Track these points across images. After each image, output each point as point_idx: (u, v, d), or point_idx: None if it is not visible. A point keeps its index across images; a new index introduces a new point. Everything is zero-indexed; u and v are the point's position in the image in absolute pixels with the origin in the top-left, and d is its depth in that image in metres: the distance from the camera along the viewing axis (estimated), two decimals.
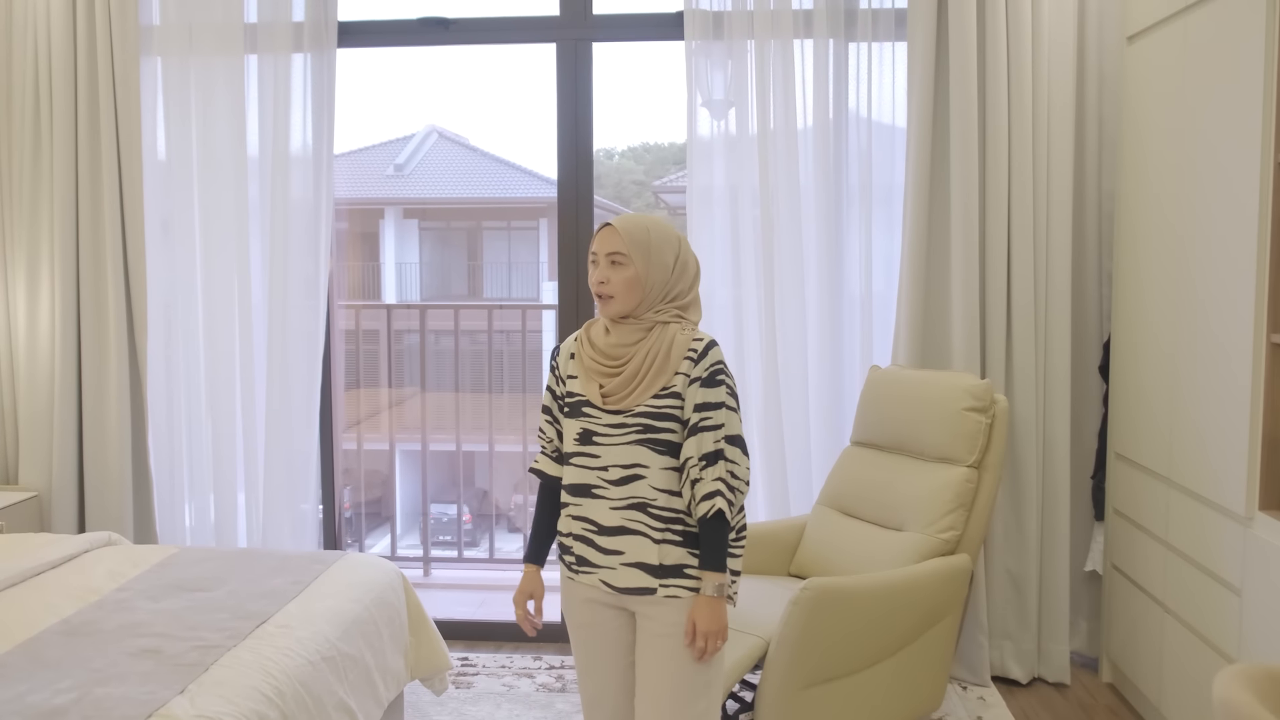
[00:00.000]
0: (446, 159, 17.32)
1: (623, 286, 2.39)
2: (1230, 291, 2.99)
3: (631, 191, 25.67)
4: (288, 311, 4.13)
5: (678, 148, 27.97)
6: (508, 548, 12.42)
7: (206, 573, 3.19)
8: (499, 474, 14.55)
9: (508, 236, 17.18)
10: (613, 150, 28.26)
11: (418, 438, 8.32)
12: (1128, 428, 3.72)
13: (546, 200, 17.03)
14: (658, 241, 2.43)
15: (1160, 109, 3.49)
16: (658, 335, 2.41)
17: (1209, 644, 3.11)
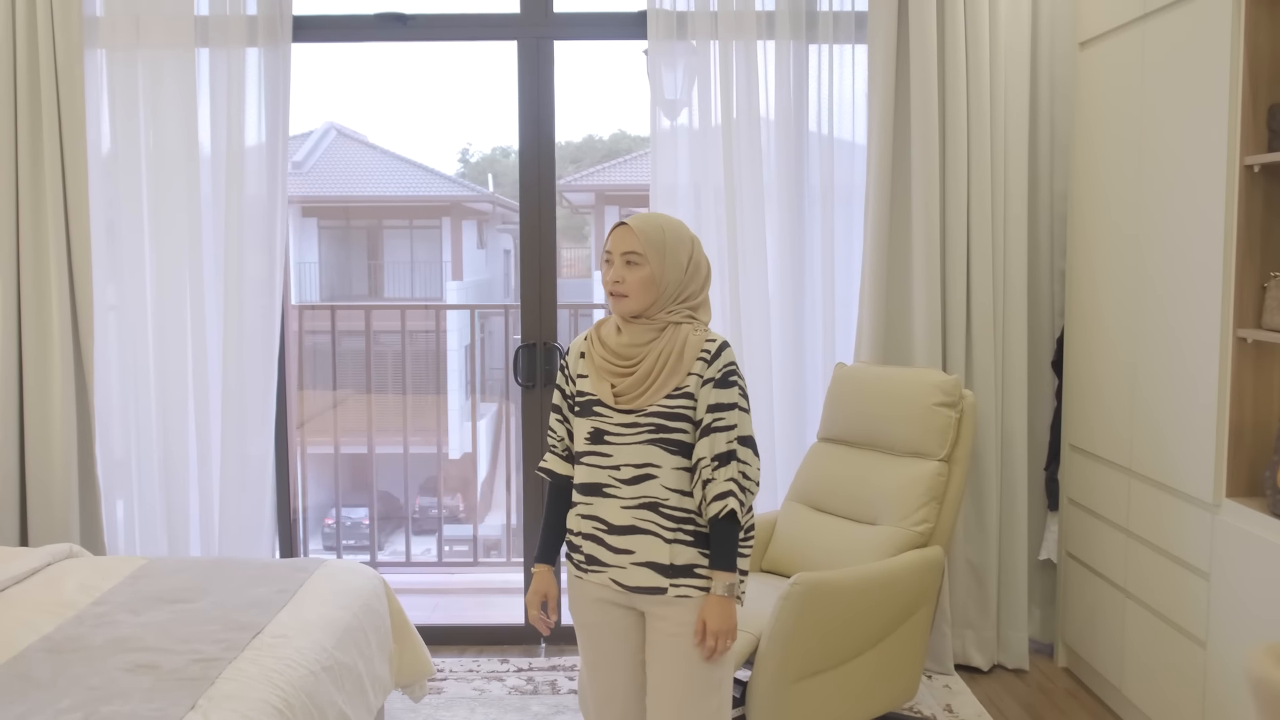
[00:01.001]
0: (346, 157, 17.01)
1: (637, 286, 2.40)
2: (1196, 289, 3.12)
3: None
4: (243, 312, 4.02)
5: (574, 146, 27.94)
6: (414, 550, 12.27)
7: (184, 584, 3.09)
8: (408, 476, 14.37)
9: (410, 235, 16.95)
10: (509, 149, 28.08)
11: (329, 440, 8.16)
12: (1083, 420, 3.86)
13: (449, 199, 16.86)
14: (673, 242, 2.44)
15: (1114, 113, 3.62)
16: (670, 335, 2.42)
17: (1175, 626, 3.24)
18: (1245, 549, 2.89)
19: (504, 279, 19.22)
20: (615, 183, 17.16)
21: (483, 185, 19.76)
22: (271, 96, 4.02)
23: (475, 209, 17.42)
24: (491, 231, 18.36)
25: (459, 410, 15.99)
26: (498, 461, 16.86)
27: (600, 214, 17.57)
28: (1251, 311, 2.97)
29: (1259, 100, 2.93)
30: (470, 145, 31.93)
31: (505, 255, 19.35)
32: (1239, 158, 2.94)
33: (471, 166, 26.59)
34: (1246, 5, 2.89)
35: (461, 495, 16.72)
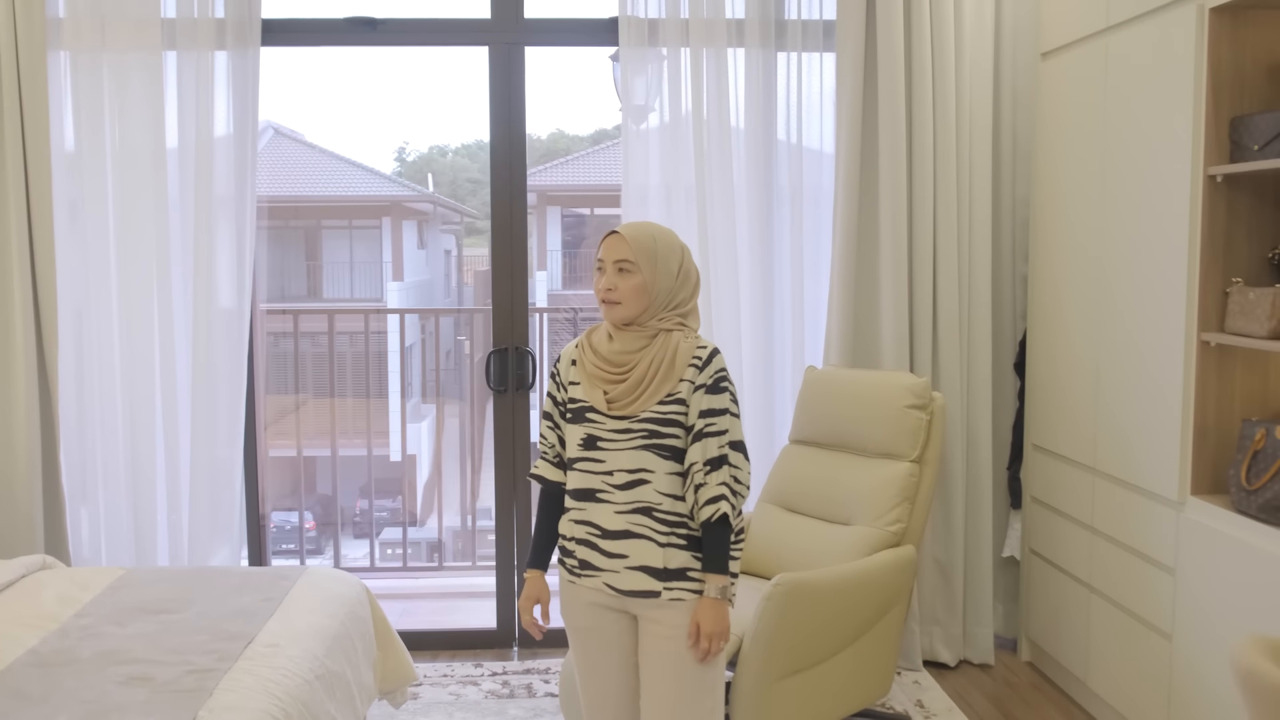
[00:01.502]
0: (284, 156, 16.80)
1: (630, 293, 2.43)
2: (1160, 294, 3.23)
3: (467, 189, 25.44)
4: (212, 315, 3.98)
5: None
6: (353, 554, 12.18)
7: (167, 594, 3.06)
8: (346, 479, 14.22)
9: (349, 236, 16.80)
10: (446, 147, 27.93)
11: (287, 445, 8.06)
12: (1045, 421, 3.96)
13: (389, 199, 16.72)
14: (664, 250, 2.48)
15: (1076, 122, 3.73)
16: (662, 342, 2.46)
17: (1140, 620, 3.35)
18: (1210, 544, 3.00)
19: (445, 280, 19.12)
20: (557, 183, 17.14)
21: (421, 185, 19.64)
22: (240, 100, 3.99)
23: (416, 209, 17.30)
24: (432, 232, 18.24)
25: (401, 413, 15.88)
26: (441, 464, 16.78)
27: (542, 214, 17.54)
28: (1215, 316, 3.08)
29: (1221, 112, 3.04)
30: (407, 145, 31.70)
31: (446, 255, 19.24)
32: (1203, 168, 3.05)
33: (408, 166, 26.39)
34: (1210, 20, 3.01)
35: (403, 498, 16.61)
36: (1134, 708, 3.39)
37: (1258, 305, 2.90)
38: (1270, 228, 3.08)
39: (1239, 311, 2.98)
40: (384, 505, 16.45)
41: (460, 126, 28.59)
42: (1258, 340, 2.88)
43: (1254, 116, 2.96)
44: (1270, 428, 2.91)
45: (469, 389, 16.15)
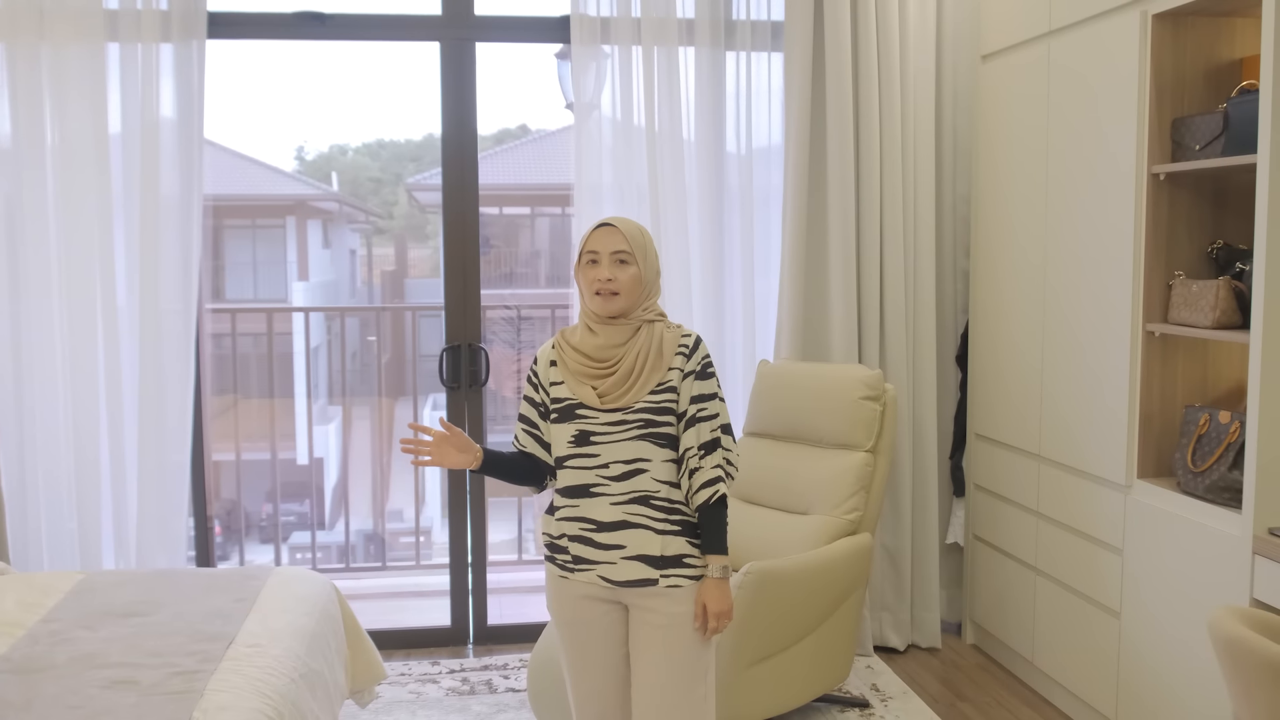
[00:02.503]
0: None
1: (629, 284, 2.47)
2: (1106, 288, 3.37)
3: (368, 188, 25.07)
4: (159, 315, 3.90)
5: (415, 144, 27.54)
6: (261, 559, 11.95)
7: (133, 596, 3.00)
8: (249, 483, 13.93)
9: (252, 235, 16.43)
10: (346, 146, 27.48)
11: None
12: (988, 411, 4.10)
13: (293, 198, 16.41)
14: (649, 242, 2.54)
15: (1018, 122, 3.87)
16: (646, 334, 2.50)
17: (1089, 600, 3.50)
18: (1157, 525, 3.15)
19: (350, 279, 18.84)
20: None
21: (321, 183, 19.30)
22: (185, 95, 3.91)
23: (320, 208, 17.01)
24: (338, 231, 17.96)
25: (310, 414, 15.60)
26: (349, 466, 16.53)
27: None
28: (1159, 307, 3.24)
29: (1164, 114, 3.20)
30: (306, 143, 31.10)
31: (351, 255, 18.96)
32: (1146, 167, 3.20)
33: (308, 164, 25.89)
34: (1153, 26, 3.16)
35: (311, 501, 16.32)
36: (1083, 684, 3.54)
37: (1201, 297, 3.06)
38: (1209, 223, 3.25)
39: (1183, 303, 3.14)
40: (291, 509, 16.14)
41: (361, 124, 28.14)
42: (1202, 330, 3.03)
43: (1195, 118, 3.11)
44: (1213, 413, 3.07)
45: (378, 389, 15.95)
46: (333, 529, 15.43)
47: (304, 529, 15.26)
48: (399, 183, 24.81)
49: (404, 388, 17.23)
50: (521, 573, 5.31)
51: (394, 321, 16.06)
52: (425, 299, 19.22)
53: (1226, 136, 2.99)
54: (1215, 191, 3.24)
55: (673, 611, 2.48)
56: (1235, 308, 3.01)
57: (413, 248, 22.70)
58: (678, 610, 2.48)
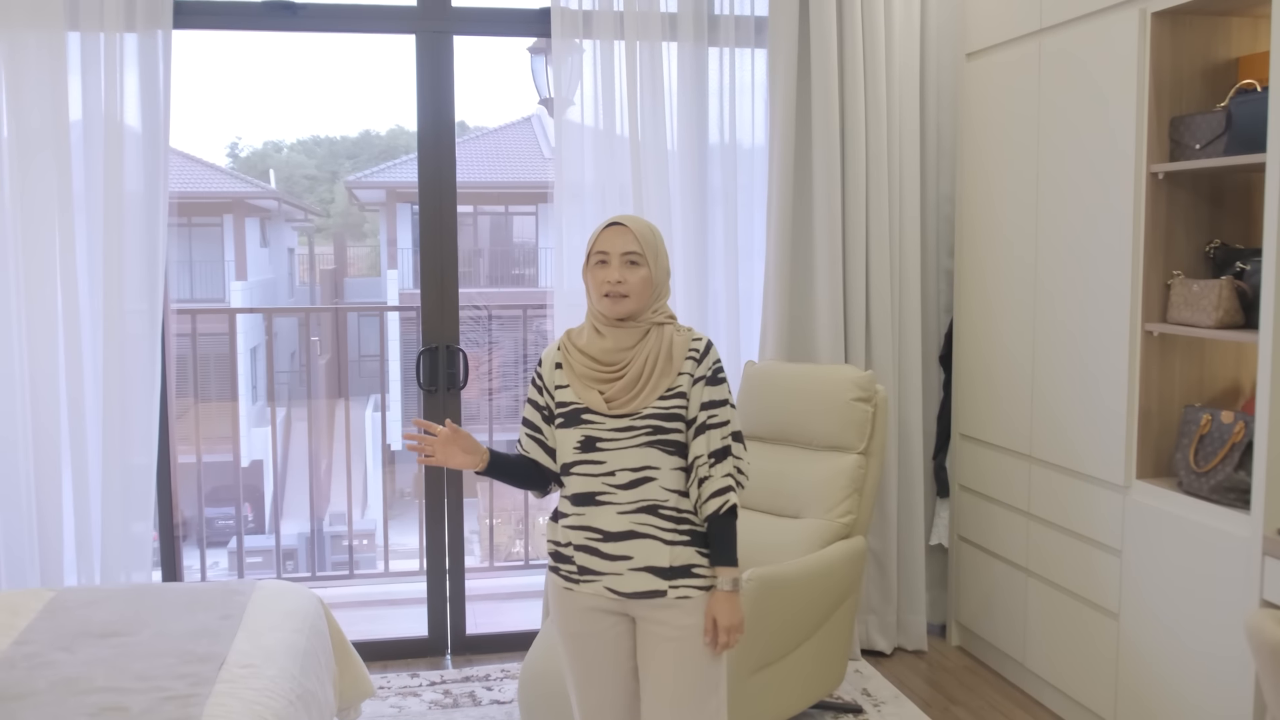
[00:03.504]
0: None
1: (639, 286, 2.39)
2: (1103, 287, 3.35)
3: (304, 186, 24.70)
4: (124, 316, 3.73)
5: (351, 141, 27.18)
6: (196, 565, 11.66)
7: (111, 615, 2.85)
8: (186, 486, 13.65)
9: (188, 234, 16.04)
10: (281, 143, 27.02)
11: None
12: (974, 411, 4.08)
13: (230, 196, 16.06)
14: (660, 242, 2.46)
15: (1007, 120, 3.84)
16: (655, 337, 2.42)
17: (1085, 601, 3.48)
18: (1158, 525, 3.14)
19: (289, 278, 18.50)
20: (409, 179, 16.79)
21: (256, 180, 18.93)
22: (149, 86, 3.74)
23: (258, 206, 16.67)
24: (275, 229, 17.61)
25: (249, 416, 15.29)
26: (288, 469, 16.22)
27: (391, 211, 17.16)
28: (1157, 307, 3.22)
29: (1162, 113, 3.18)
30: (240, 139, 30.56)
31: (290, 254, 18.62)
32: (1145, 166, 3.18)
33: (241, 162, 25.43)
34: (1152, 24, 3.14)
35: (250, 505, 16.00)
36: (1078, 685, 3.52)
37: (1203, 297, 3.04)
38: (1206, 223, 3.24)
39: (1183, 303, 3.12)
40: (229, 512, 15.80)
41: (297, 120, 27.71)
42: (1204, 330, 3.02)
43: (1194, 117, 3.10)
44: (1215, 413, 3.06)
45: (321, 391, 15.68)
46: (273, 533, 15.14)
47: (245, 533, 14.95)
48: (335, 180, 24.45)
49: (345, 388, 16.97)
50: (493, 580, 5.19)
51: (334, 322, 15.80)
52: (364, 297, 18.95)
53: (1229, 136, 2.98)
54: (1212, 191, 3.23)
55: (683, 623, 2.40)
56: (1238, 307, 3.00)
57: (350, 246, 22.38)
58: (688, 622, 2.40)
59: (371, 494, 15.89)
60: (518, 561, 6.76)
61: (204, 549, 4.98)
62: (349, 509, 5.60)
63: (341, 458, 15.82)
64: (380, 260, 18.48)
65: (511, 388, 11.98)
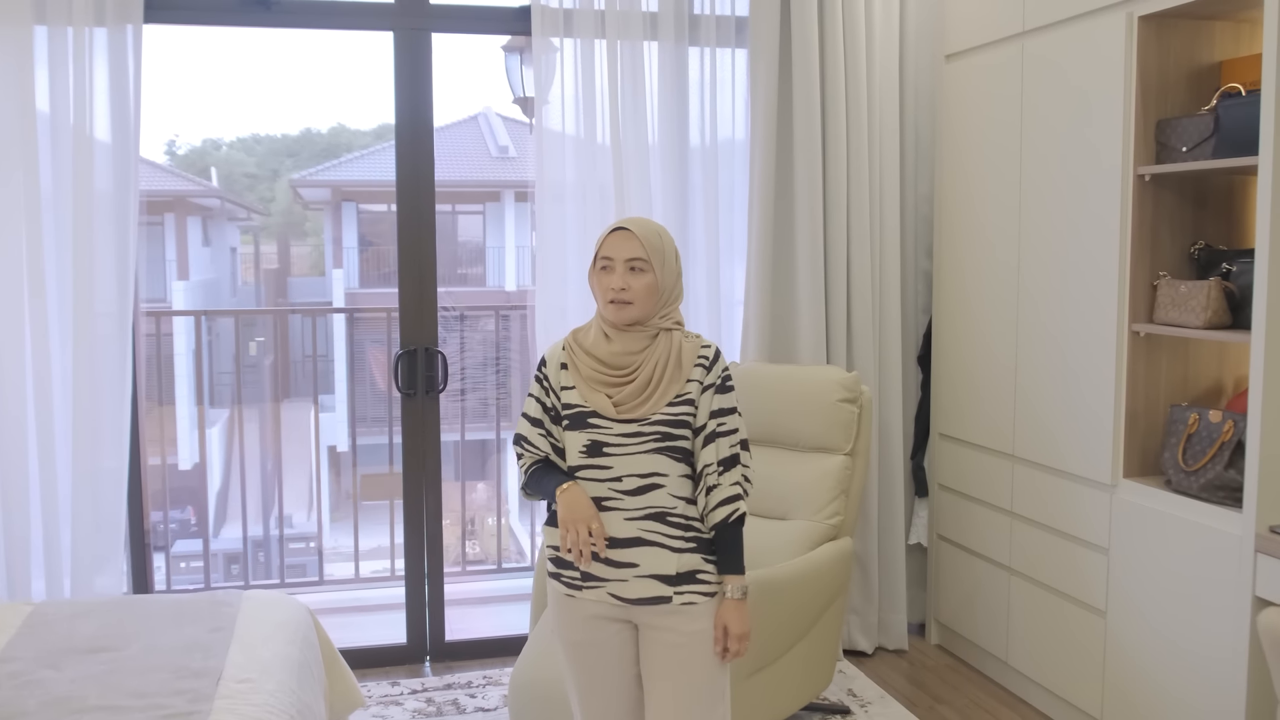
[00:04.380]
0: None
1: (643, 293, 2.36)
2: (1089, 288, 3.38)
3: (244, 184, 24.30)
4: (94, 318, 3.63)
5: (292, 139, 26.78)
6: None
7: (96, 629, 2.75)
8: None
9: None
10: (220, 140, 26.56)
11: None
12: (955, 411, 4.10)
13: (171, 194, 15.73)
14: (668, 246, 2.43)
15: (988, 122, 3.87)
16: (664, 342, 2.39)
17: (1071, 599, 3.51)
18: (1146, 523, 3.17)
19: (231, 278, 18.18)
20: (354, 178, 16.60)
21: (198, 179, 18.58)
22: (120, 82, 3.63)
23: (200, 205, 16.36)
24: (217, 228, 17.30)
25: (188, 419, 15.00)
26: (231, 472, 15.93)
27: (336, 210, 16.94)
28: (1144, 307, 3.26)
29: (1148, 115, 3.22)
30: (177, 137, 29.97)
31: (232, 253, 18.30)
32: (1133, 168, 3.22)
33: (180, 159, 24.95)
34: (1139, 28, 3.17)
35: (193, 509, 15.70)
36: (1064, 682, 3.55)
37: (1191, 298, 3.08)
38: (1190, 224, 3.28)
39: (1170, 303, 3.16)
40: (174, 516, 15.49)
41: (235, 118, 27.23)
42: (1193, 330, 3.05)
43: (1181, 120, 3.14)
44: (1203, 412, 3.10)
45: (268, 393, 15.42)
46: (218, 537, 14.88)
47: (187, 537, 14.67)
48: (276, 178, 24.09)
49: (290, 390, 16.73)
50: (465, 584, 5.12)
51: (278, 322, 15.57)
52: (309, 297, 18.69)
53: (1218, 138, 3.02)
54: (1196, 193, 3.27)
55: (690, 630, 2.37)
56: (1226, 308, 3.04)
57: (292, 245, 22.05)
58: (694, 628, 2.37)
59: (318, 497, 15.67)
60: (490, 566, 6.69)
61: (168, 556, 4.85)
62: (319, 517, 5.48)
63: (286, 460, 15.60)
64: (324, 259, 18.23)
65: (477, 389, 11.87)
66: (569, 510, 2.32)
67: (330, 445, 15.49)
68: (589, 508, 2.32)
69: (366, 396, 15.95)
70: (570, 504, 2.32)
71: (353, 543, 5.17)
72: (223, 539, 14.67)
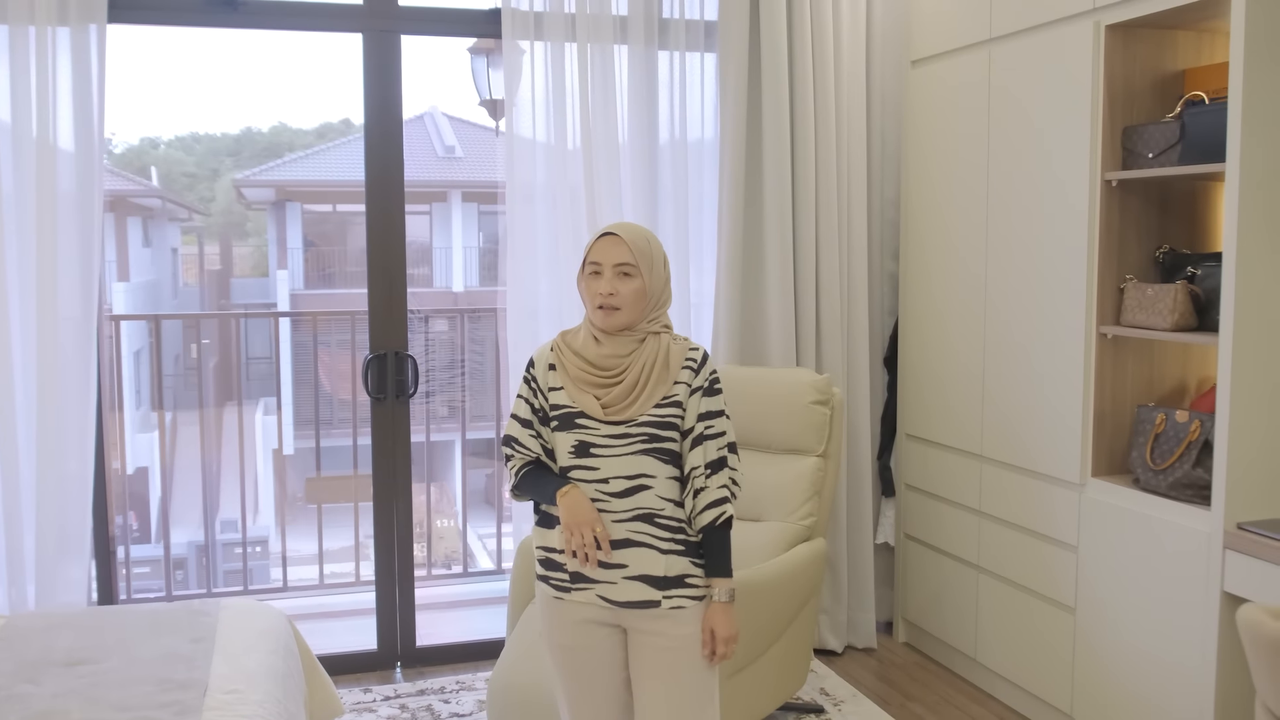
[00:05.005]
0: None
1: (631, 298, 2.37)
2: (1056, 291, 3.44)
3: (183, 184, 23.89)
4: (57, 323, 3.56)
5: (232, 138, 26.37)
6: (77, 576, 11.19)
7: (72, 642, 2.70)
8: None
9: None
10: (158, 139, 26.08)
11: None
12: (921, 411, 4.15)
13: (110, 193, 15.43)
14: (656, 251, 2.44)
15: (953, 127, 3.92)
16: (652, 345, 2.41)
17: (1040, 596, 3.57)
18: (1115, 521, 3.24)
19: (173, 279, 17.88)
20: (299, 178, 16.39)
21: (138, 178, 18.24)
22: (83, 82, 3.57)
23: (140, 204, 16.07)
24: (158, 228, 17.00)
25: (131, 422, 14.73)
26: (172, 477, 15.65)
27: (280, 211, 16.72)
28: (1111, 310, 3.33)
29: (1115, 122, 3.29)
30: (114, 135, 29.36)
31: (173, 254, 17.99)
32: (1100, 174, 3.28)
33: (117, 158, 24.45)
34: (1106, 36, 3.24)
35: (135, 514, 15.42)
36: (1034, 679, 3.61)
37: (1159, 300, 3.15)
38: (1155, 228, 3.36)
39: (1137, 306, 3.23)
40: (118, 522, 15.18)
41: (173, 116, 26.76)
42: (1159, 332, 3.12)
43: (1147, 126, 3.21)
44: (1169, 413, 3.17)
45: (209, 397, 15.18)
46: (158, 543, 14.64)
47: (130, 543, 14.41)
48: (216, 178, 23.71)
49: (232, 393, 16.49)
50: (430, 589, 5.08)
51: (220, 325, 15.34)
52: (253, 299, 18.44)
53: (1184, 145, 3.09)
54: (1161, 198, 3.35)
55: (679, 634, 2.39)
56: (1192, 310, 3.11)
57: (234, 246, 21.73)
58: (684, 632, 2.39)
59: (264, 501, 15.48)
60: (456, 570, 6.65)
61: (128, 563, 4.76)
62: (283, 523, 5.41)
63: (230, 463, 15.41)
64: (269, 260, 17.99)
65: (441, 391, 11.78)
66: (572, 513, 2.32)
67: (274, 449, 15.30)
68: (591, 510, 2.32)
69: (313, 399, 15.78)
70: (573, 507, 2.32)
71: (302, 547, 5.11)
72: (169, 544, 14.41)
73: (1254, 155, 2.81)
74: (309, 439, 15.56)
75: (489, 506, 13.34)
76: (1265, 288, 2.86)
